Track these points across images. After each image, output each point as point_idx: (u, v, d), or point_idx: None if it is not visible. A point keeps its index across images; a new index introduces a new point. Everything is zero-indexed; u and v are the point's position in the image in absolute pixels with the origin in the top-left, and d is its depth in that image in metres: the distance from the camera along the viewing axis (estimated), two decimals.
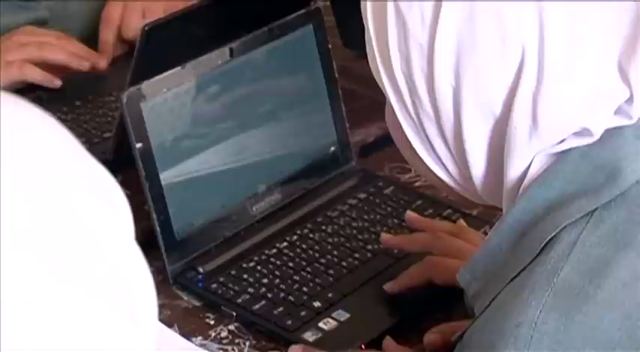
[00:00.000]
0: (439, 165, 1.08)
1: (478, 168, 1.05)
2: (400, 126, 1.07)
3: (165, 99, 1.44)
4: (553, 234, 0.99)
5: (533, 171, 1.02)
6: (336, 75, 1.61)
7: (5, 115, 0.70)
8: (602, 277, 0.95)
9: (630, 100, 1.00)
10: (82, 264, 0.68)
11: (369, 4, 1.05)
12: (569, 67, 0.98)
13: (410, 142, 1.08)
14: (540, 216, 1.01)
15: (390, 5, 1.02)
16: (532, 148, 1.01)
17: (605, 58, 0.99)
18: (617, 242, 0.98)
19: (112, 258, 0.70)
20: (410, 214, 1.48)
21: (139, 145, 1.41)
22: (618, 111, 1.00)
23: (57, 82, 1.79)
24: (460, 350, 1.03)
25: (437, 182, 1.12)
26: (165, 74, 1.44)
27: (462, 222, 1.49)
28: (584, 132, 1.00)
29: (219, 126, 1.51)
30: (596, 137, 1.00)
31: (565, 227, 0.99)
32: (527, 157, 1.02)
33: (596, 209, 0.99)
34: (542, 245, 0.99)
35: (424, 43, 1.01)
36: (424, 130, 1.05)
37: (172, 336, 1.37)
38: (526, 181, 1.03)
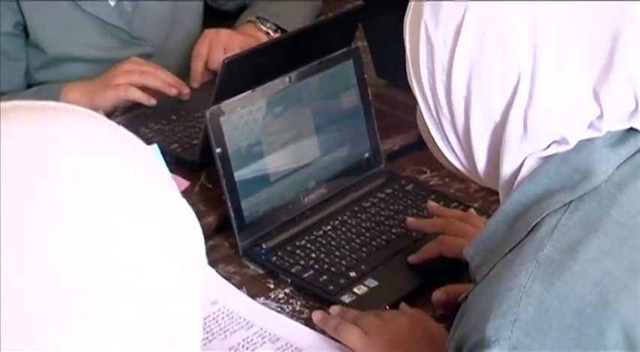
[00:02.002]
0: (453, 156, 1.08)
1: (481, 161, 1.05)
2: (426, 123, 1.07)
3: (239, 115, 1.44)
4: (538, 220, 0.98)
5: (525, 171, 1.02)
6: (370, 98, 1.60)
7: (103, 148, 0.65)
8: (576, 252, 0.94)
9: (600, 117, 0.98)
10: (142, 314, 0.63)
11: (407, 30, 1.05)
12: (554, 89, 0.97)
13: (432, 136, 1.07)
14: (529, 206, 1.00)
15: (423, 30, 1.02)
16: (523, 151, 1.01)
17: (583, 83, 0.98)
18: (589, 226, 0.96)
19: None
20: (431, 203, 1.48)
21: (218, 150, 1.41)
22: (591, 126, 0.99)
23: (152, 102, 1.78)
24: (464, 309, 1.01)
25: (452, 168, 1.11)
26: (239, 96, 1.44)
27: (471, 210, 1.48)
28: (562, 141, 0.99)
29: (281, 136, 1.50)
30: (572, 145, 0.99)
31: (548, 214, 0.98)
32: (518, 158, 1.01)
33: (572, 201, 0.98)
34: (530, 228, 0.98)
35: (445, 62, 1.01)
36: (442, 128, 1.05)
37: (241, 296, 1.37)
38: (519, 178, 1.02)
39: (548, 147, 1.00)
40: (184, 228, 0.69)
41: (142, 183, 0.66)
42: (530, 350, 0.91)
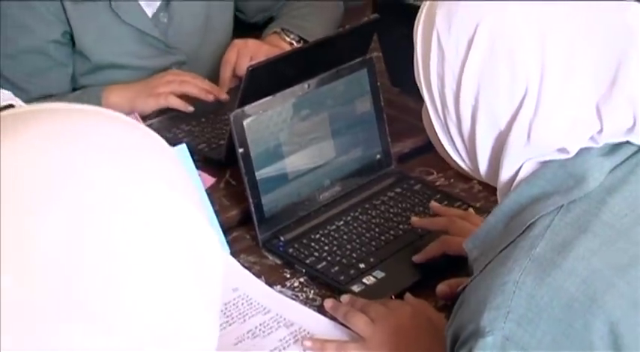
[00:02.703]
0: (457, 155, 1.05)
1: (483, 162, 1.03)
2: (433, 125, 1.05)
3: (261, 118, 1.43)
4: (533, 220, 0.96)
5: (522, 174, 1.00)
6: (382, 104, 1.58)
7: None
8: (566, 251, 0.92)
9: (600, 132, 0.96)
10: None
11: (419, 34, 1.03)
12: (559, 104, 0.95)
13: (439, 137, 1.05)
14: (525, 207, 0.98)
15: (435, 38, 0.99)
16: (523, 156, 0.99)
17: (587, 100, 0.95)
18: (579, 227, 0.94)
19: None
20: (433, 203, 1.46)
21: (241, 150, 1.40)
22: (591, 139, 0.97)
23: (190, 108, 1.77)
24: (462, 300, 0.99)
25: (456, 166, 1.09)
26: (261, 101, 1.42)
27: (471, 210, 1.46)
28: (562, 150, 0.97)
29: (299, 138, 1.48)
30: (572, 154, 0.97)
31: (542, 215, 0.96)
32: (518, 162, 0.99)
33: (564, 204, 0.96)
34: (525, 227, 0.96)
35: (456, 72, 0.98)
36: (449, 130, 1.03)
37: (260, 284, 1.36)
38: (517, 180, 1.00)
39: (548, 154, 0.98)
40: (201, 248, 0.65)
41: (169, 195, 0.63)
42: (521, 341, 0.89)
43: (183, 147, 1.41)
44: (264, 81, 1.49)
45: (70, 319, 0.58)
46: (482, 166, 1.04)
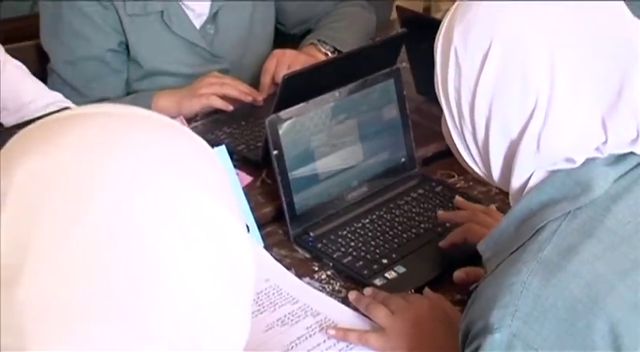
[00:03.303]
0: (472, 161, 1.04)
1: (496, 169, 1.01)
2: (450, 133, 1.04)
3: (295, 122, 1.41)
4: (542, 225, 0.94)
5: (533, 181, 0.98)
6: (408, 111, 1.56)
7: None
8: (572, 255, 0.90)
9: (605, 143, 0.94)
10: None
11: (439, 49, 1.02)
12: (567, 116, 0.94)
13: (456, 145, 1.04)
14: (535, 212, 0.96)
15: (453, 54, 0.98)
16: (533, 165, 0.97)
17: (593, 113, 0.94)
18: (584, 233, 0.92)
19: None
20: (458, 198, 1.46)
21: (275, 152, 1.39)
22: (596, 149, 0.95)
23: (230, 108, 1.77)
24: (474, 297, 0.98)
25: (472, 171, 1.07)
26: (295, 107, 1.41)
27: (492, 206, 1.44)
28: (569, 160, 0.95)
29: (329, 142, 1.47)
30: (578, 164, 0.95)
31: (550, 221, 0.94)
32: (529, 170, 0.98)
33: (570, 211, 0.94)
34: (534, 231, 0.95)
35: (471, 84, 0.97)
36: (464, 138, 1.02)
37: (290, 276, 1.35)
38: (527, 187, 0.98)
39: (554, 163, 0.96)
40: (234, 250, 0.63)
41: (193, 189, 0.61)
42: (527, 338, 0.88)
43: (222, 148, 1.40)
44: (299, 88, 1.47)
45: (107, 318, 0.56)
46: (496, 173, 1.02)
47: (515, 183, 0.99)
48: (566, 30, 0.93)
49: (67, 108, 1.37)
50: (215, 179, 0.65)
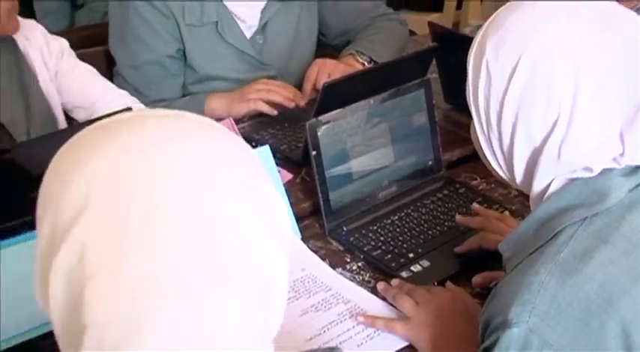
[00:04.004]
0: (497, 166, 1.01)
1: (519, 174, 0.98)
2: (479, 139, 1.00)
3: (332, 126, 1.39)
4: (560, 229, 0.91)
5: (553, 187, 0.95)
6: (436, 118, 1.53)
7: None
8: (588, 259, 0.87)
9: (622, 154, 0.91)
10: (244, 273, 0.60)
11: (471, 61, 0.99)
12: (587, 129, 0.90)
13: (483, 150, 1.01)
14: (554, 216, 0.93)
15: (484, 66, 0.95)
16: (553, 172, 0.94)
17: (612, 127, 0.90)
18: (600, 238, 0.89)
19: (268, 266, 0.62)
20: (475, 205, 1.42)
21: (314, 153, 1.37)
22: (613, 160, 0.92)
23: (275, 112, 1.74)
24: (494, 293, 0.95)
25: (497, 175, 1.04)
26: (333, 112, 1.39)
27: (507, 213, 1.40)
28: (588, 169, 0.92)
29: (364, 144, 1.44)
30: (596, 173, 0.92)
31: (568, 225, 0.91)
32: (549, 177, 0.94)
33: (587, 217, 0.91)
34: (552, 235, 0.92)
35: (500, 95, 0.94)
36: (491, 144, 0.99)
37: (324, 266, 1.32)
38: (548, 192, 0.95)
39: (574, 172, 0.93)
40: (276, 209, 0.65)
41: (250, 179, 0.64)
42: (543, 334, 0.85)
43: (266, 147, 1.39)
44: (338, 95, 1.44)
45: (207, 286, 0.57)
46: (519, 177, 0.98)
47: (536, 188, 0.96)
48: (590, 47, 0.90)
49: (129, 108, 1.36)
50: (255, 161, 0.67)
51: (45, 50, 1.62)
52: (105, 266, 0.56)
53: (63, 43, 1.66)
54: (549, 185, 0.95)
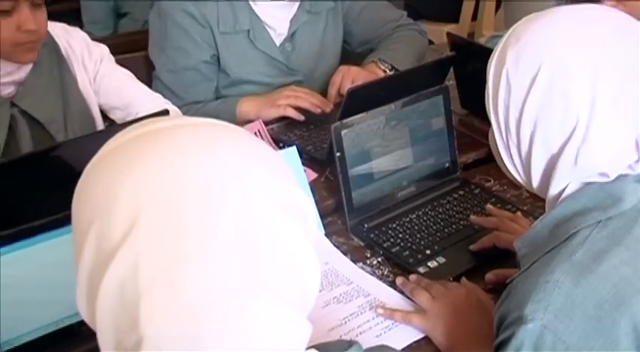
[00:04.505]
0: (515, 170, 0.97)
1: (536, 178, 0.95)
2: (497, 144, 0.97)
3: (356, 129, 1.36)
4: (575, 231, 0.88)
5: (568, 191, 0.92)
6: (453, 123, 1.50)
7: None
8: (601, 260, 0.85)
9: (637, 161, 0.89)
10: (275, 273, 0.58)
11: (491, 70, 0.96)
12: (604, 137, 0.87)
13: (501, 155, 0.97)
14: (569, 218, 0.90)
15: (504, 75, 0.93)
16: (569, 177, 0.91)
17: (627, 135, 0.88)
18: (613, 240, 0.86)
19: (297, 266, 0.60)
20: (489, 206, 1.38)
21: (338, 154, 1.34)
22: (628, 166, 0.89)
23: (301, 118, 1.72)
24: (509, 290, 0.92)
25: (512, 178, 1.00)
26: (356, 116, 1.36)
27: (519, 213, 1.37)
28: (603, 175, 0.89)
29: (384, 147, 1.41)
30: (611, 179, 0.89)
31: (583, 227, 0.88)
32: (565, 181, 0.91)
33: (601, 220, 0.88)
34: (567, 236, 0.89)
35: (519, 103, 0.91)
36: (509, 149, 0.95)
37: (346, 260, 1.30)
38: (563, 195, 0.92)
39: (589, 177, 0.90)
40: (305, 210, 0.63)
41: (282, 183, 0.61)
42: (557, 330, 0.82)
43: (294, 148, 1.37)
44: (361, 100, 1.42)
45: (256, 294, 0.55)
46: (535, 181, 0.95)
47: (552, 191, 0.93)
48: (607, 59, 0.87)
49: (166, 110, 1.35)
50: (282, 165, 0.64)
51: (85, 55, 1.61)
52: (160, 281, 0.53)
53: (103, 49, 1.66)
54: (565, 188, 0.92)
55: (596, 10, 0.93)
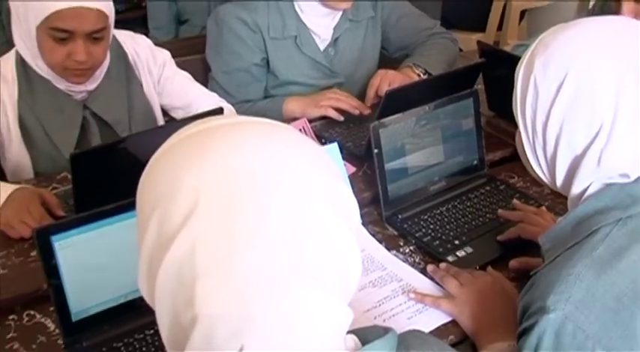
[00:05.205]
0: (539, 170, 0.94)
1: (560, 177, 0.91)
2: (523, 145, 0.94)
3: (393, 128, 1.33)
4: (596, 228, 0.85)
5: (590, 190, 0.88)
6: (482, 124, 1.46)
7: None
8: (621, 256, 0.81)
9: None
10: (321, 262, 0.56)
11: (520, 75, 0.92)
12: (626, 140, 0.84)
13: (527, 155, 0.94)
14: (591, 216, 0.87)
15: (532, 80, 0.89)
16: (592, 177, 0.87)
17: None
18: (633, 238, 0.83)
19: (342, 256, 0.57)
20: (515, 200, 1.35)
21: (375, 150, 1.32)
22: None
23: (341, 118, 1.69)
24: (533, 281, 0.89)
25: (537, 177, 0.97)
26: (393, 116, 1.33)
27: (543, 208, 1.33)
28: (624, 175, 0.86)
29: (418, 144, 1.37)
30: (632, 180, 0.86)
31: (603, 225, 0.85)
32: (587, 181, 0.88)
33: (622, 218, 0.84)
34: (589, 232, 0.85)
35: (546, 107, 0.88)
36: (535, 150, 0.92)
37: (381, 248, 1.28)
38: (586, 195, 0.89)
39: (610, 178, 0.86)
40: (349, 204, 0.61)
41: (330, 179, 0.59)
42: (577, 320, 0.79)
43: (335, 144, 1.35)
44: (397, 101, 1.39)
45: (302, 281, 0.54)
46: (559, 181, 0.92)
47: (575, 190, 0.89)
48: (630, 67, 0.83)
49: (221, 108, 1.34)
50: (329, 161, 0.62)
51: (150, 60, 1.62)
52: (215, 264, 0.52)
53: (166, 54, 1.66)
54: (587, 188, 0.88)
55: (619, 21, 0.89)
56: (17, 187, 1.31)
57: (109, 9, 1.41)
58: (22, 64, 1.45)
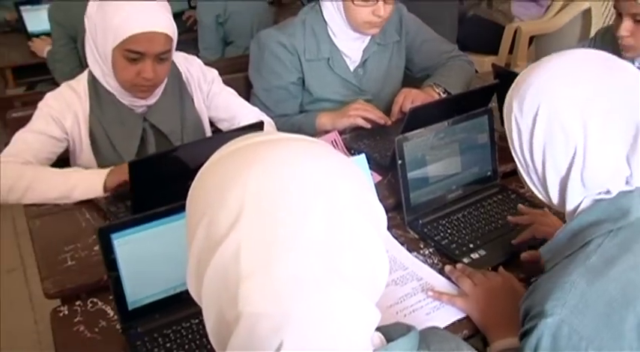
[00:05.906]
0: (537, 191, 0.94)
1: (554, 197, 0.91)
2: (520, 171, 0.95)
3: (415, 141, 1.33)
4: (589, 239, 0.85)
5: (582, 206, 0.88)
6: (495, 139, 1.44)
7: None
8: (612, 265, 0.81)
9: (631, 176, 0.85)
10: (356, 267, 0.55)
11: (505, 115, 0.94)
12: (599, 158, 0.84)
13: (524, 179, 0.95)
14: (584, 228, 0.87)
15: (513, 118, 0.91)
16: (581, 195, 0.87)
17: (619, 154, 0.84)
18: (623, 248, 0.82)
19: (372, 262, 0.57)
20: (520, 206, 1.33)
21: (399, 162, 1.31)
22: (627, 182, 0.85)
23: (368, 126, 1.69)
24: (533, 287, 0.89)
25: (538, 198, 0.96)
26: (416, 131, 1.33)
27: (546, 209, 1.30)
28: (607, 191, 0.86)
29: (438, 156, 1.37)
30: (614, 194, 0.85)
31: (596, 236, 0.85)
32: (578, 198, 0.88)
33: (613, 229, 0.84)
34: (583, 243, 0.85)
35: (527, 139, 0.89)
36: (530, 175, 0.93)
37: (402, 249, 1.27)
38: (579, 210, 0.88)
39: (599, 194, 0.86)
40: (377, 212, 0.61)
41: (362, 191, 0.59)
42: (572, 323, 0.79)
43: (363, 155, 1.35)
44: (420, 117, 1.38)
45: (335, 283, 0.53)
46: (554, 199, 0.92)
47: (569, 206, 0.89)
48: (593, 96, 0.84)
49: (262, 122, 1.35)
50: (359, 173, 0.62)
51: (201, 78, 1.64)
52: (258, 267, 0.52)
53: (214, 72, 1.68)
54: (580, 204, 0.88)
55: (585, 53, 0.89)
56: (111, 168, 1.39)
57: (174, 33, 1.44)
58: (93, 82, 1.49)
